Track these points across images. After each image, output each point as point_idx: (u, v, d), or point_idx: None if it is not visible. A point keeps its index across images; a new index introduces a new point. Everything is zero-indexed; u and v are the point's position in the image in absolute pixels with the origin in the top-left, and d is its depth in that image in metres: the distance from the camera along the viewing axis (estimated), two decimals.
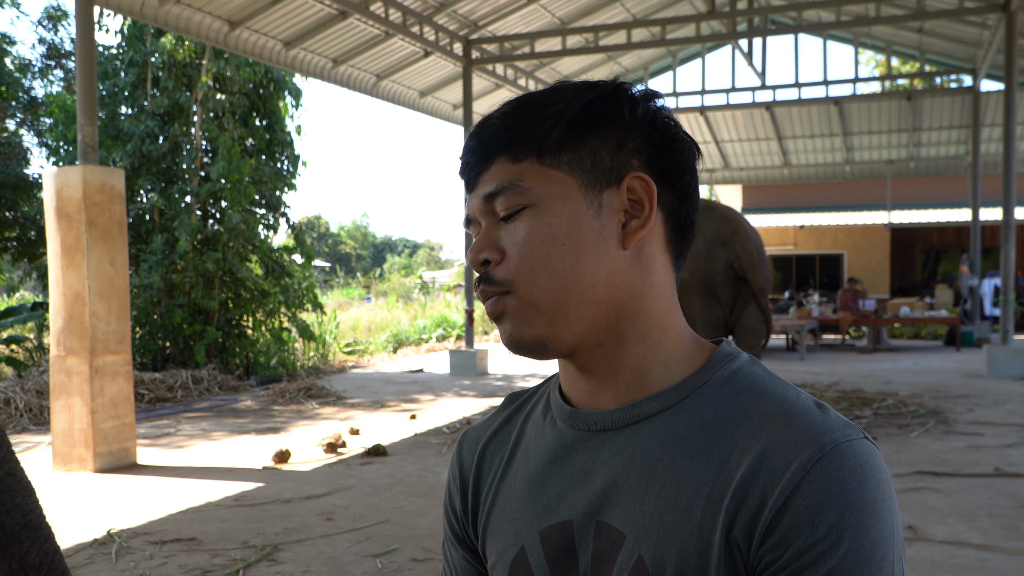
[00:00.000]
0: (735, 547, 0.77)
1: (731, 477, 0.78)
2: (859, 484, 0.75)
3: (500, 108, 0.89)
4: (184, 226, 11.80)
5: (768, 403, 0.82)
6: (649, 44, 13.93)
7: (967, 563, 4.17)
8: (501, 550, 0.93)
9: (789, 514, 0.75)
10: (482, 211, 0.88)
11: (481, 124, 0.89)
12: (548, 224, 0.85)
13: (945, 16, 12.33)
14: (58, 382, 6.65)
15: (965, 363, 12.95)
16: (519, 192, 0.85)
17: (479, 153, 0.88)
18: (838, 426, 0.79)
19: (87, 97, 6.74)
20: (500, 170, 0.87)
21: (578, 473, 0.88)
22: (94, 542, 4.75)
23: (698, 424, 0.83)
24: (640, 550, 0.81)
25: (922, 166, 20.24)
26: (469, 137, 0.90)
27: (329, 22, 11.51)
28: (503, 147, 0.86)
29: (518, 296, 0.86)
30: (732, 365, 0.87)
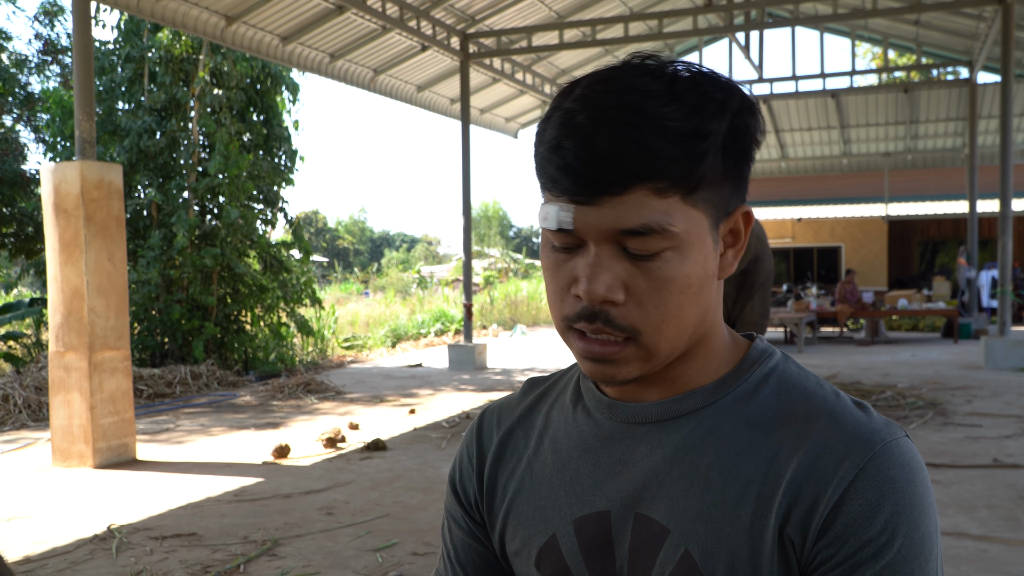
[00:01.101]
0: (788, 543, 0.79)
1: (781, 475, 0.80)
2: (908, 481, 0.79)
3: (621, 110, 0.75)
4: (182, 221, 11.79)
5: (810, 401, 0.84)
6: (646, 38, 13.89)
7: (966, 554, 4.19)
8: (527, 536, 0.93)
9: (845, 512, 0.77)
10: (602, 236, 0.78)
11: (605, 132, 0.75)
12: (687, 273, 0.79)
13: (942, 8, 12.32)
14: (57, 378, 6.65)
15: (963, 355, 12.98)
16: (667, 236, 0.77)
17: (612, 175, 0.75)
18: (883, 425, 0.82)
19: (84, 92, 6.73)
20: (642, 205, 0.76)
21: (615, 464, 0.88)
22: (94, 538, 4.75)
23: (742, 421, 0.84)
24: (687, 544, 0.82)
25: (919, 158, 20.25)
26: (581, 141, 0.76)
27: (326, 17, 11.49)
28: (647, 179, 0.76)
29: (640, 346, 0.81)
30: (769, 362, 0.88)
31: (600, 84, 0.78)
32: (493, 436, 1.00)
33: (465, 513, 1.01)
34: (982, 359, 11.44)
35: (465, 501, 1.00)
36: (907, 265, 22.50)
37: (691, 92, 0.77)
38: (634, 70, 0.79)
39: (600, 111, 0.76)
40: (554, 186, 0.78)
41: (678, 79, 0.78)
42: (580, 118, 0.76)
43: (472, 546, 1.01)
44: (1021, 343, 11.33)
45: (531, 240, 64.72)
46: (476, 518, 1.00)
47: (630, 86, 0.77)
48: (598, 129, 0.75)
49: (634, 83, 0.77)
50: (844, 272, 17.76)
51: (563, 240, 0.80)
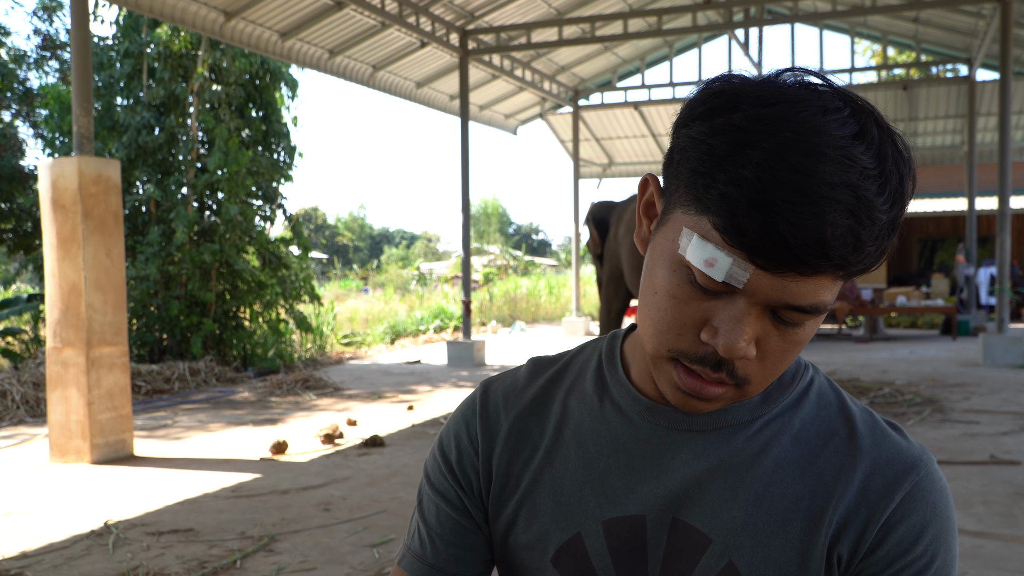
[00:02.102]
0: (836, 560, 0.83)
1: (830, 493, 0.84)
2: (945, 507, 0.85)
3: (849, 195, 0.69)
4: (181, 217, 11.78)
5: (850, 420, 0.88)
6: (646, 34, 13.90)
7: (962, 550, 4.19)
8: (543, 532, 0.91)
9: (894, 533, 0.82)
10: (766, 300, 0.74)
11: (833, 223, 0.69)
12: (808, 337, 0.79)
13: (941, 5, 12.31)
14: (54, 374, 6.65)
15: (961, 352, 12.98)
16: (821, 315, 0.76)
17: (817, 263, 0.71)
18: (920, 450, 0.87)
19: (82, 88, 6.72)
20: (823, 287, 0.74)
21: (652, 469, 0.88)
22: (91, 533, 4.76)
23: (788, 437, 0.87)
24: (732, 556, 0.84)
25: (918, 156, 20.21)
26: (809, 223, 0.68)
27: (325, 13, 11.47)
28: (840, 268, 0.72)
29: (742, 392, 0.80)
30: (807, 376, 0.91)
31: (816, 138, 0.70)
32: (501, 420, 0.96)
33: (463, 494, 0.96)
34: (980, 356, 11.44)
35: (464, 482, 0.96)
36: (906, 262, 22.51)
37: (894, 174, 0.72)
38: (841, 125, 0.71)
39: (824, 185, 0.69)
40: (738, 237, 0.71)
41: (883, 152, 0.72)
42: (800, 182, 0.68)
43: (462, 528, 0.96)
44: (1019, 340, 11.34)
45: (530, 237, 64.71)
46: (475, 501, 0.96)
47: (850, 157, 0.70)
48: (824, 209, 0.68)
49: (851, 153, 0.70)
50: None
51: (713, 286, 0.75)
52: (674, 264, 0.77)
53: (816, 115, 0.71)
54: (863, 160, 0.70)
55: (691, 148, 0.74)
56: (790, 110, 0.71)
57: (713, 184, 0.72)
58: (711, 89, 0.76)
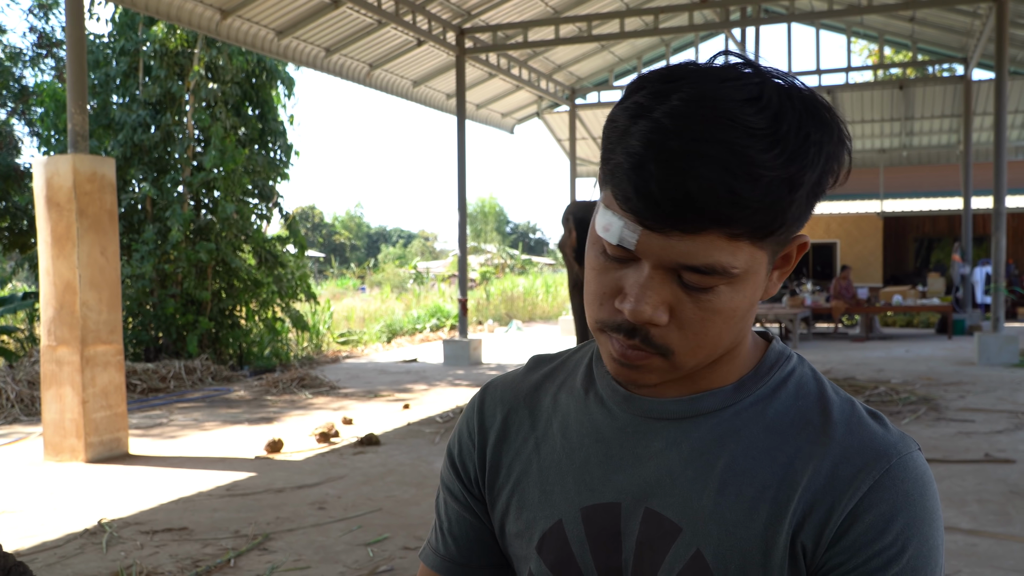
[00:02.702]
0: (800, 550, 0.81)
1: (797, 481, 0.82)
2: (921, 495, 0.81)
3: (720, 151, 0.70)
4: (176, 216, 11.76)
5: (827, 409, 0.85)
6: (643, 33, 13.90)
7: (956, 548, 4.20)
8: (531, 520, 0.93)
9: (860, 521, 0.79)
10: (660, 262, 0.76)
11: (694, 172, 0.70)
12: (735, 306, 0.78)
13: (937, 5, 12.33)
14: (49, 372, 6.63)
15: (957, 351, 13.00)
16: (726, 277, 0.76)
17: (691, 217, 0.72)
18: (898, 438, 0.84)
19: (77, 85, 6.71)
20: (711, 246, 0.74)
21: (628, 457, 0.88)
22: (85, 532, 4.75)
23: (760, 425, 0.85)
24: (698, 544, 0.83)
25: (914, 155, 20.26)
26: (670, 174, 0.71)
27: (321, 11, 11.46)
28: (724, 224, 0.73)
29: (670, 362, 0.81)
30: (788, 365, 0.89)
31: (702, 103, 0.72)
32: (496, 413, 0.99)
33: (464, 488, 1.00)
34: (975, 355, 11.46)
35: (464, 476, 1.00)
36: (902, 261, 22.53)
37: (794, 135, 0.73)
38: (737, 90, 0.73)
39: (696, 143, 0.71)
40: (625, 201, 0.74)
41: (783, 114, 0.73)
42: (673, 143, 0.71)
43: (467, 520, 1.00)
44: (1014, 339, 11.36)
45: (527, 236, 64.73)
46: (475, 493, 0.99)
47: (733, 118, 0.71)
48: (691, 165, 0.71)
49: (736, 114, 0.71)
50: (839, 268, 17.78)
51: (618, 253, 0.78)
52: (594, 239, 0.82)
53: (713, 84, 0.73)
54: (749, 120, 0.71)
55: (605, 128, 0.79)
56: (687, 83, 0.74)
57: (612, 157, 0.76)
58: (638, 77, 0.80)
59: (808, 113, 0.75)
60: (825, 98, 0.79)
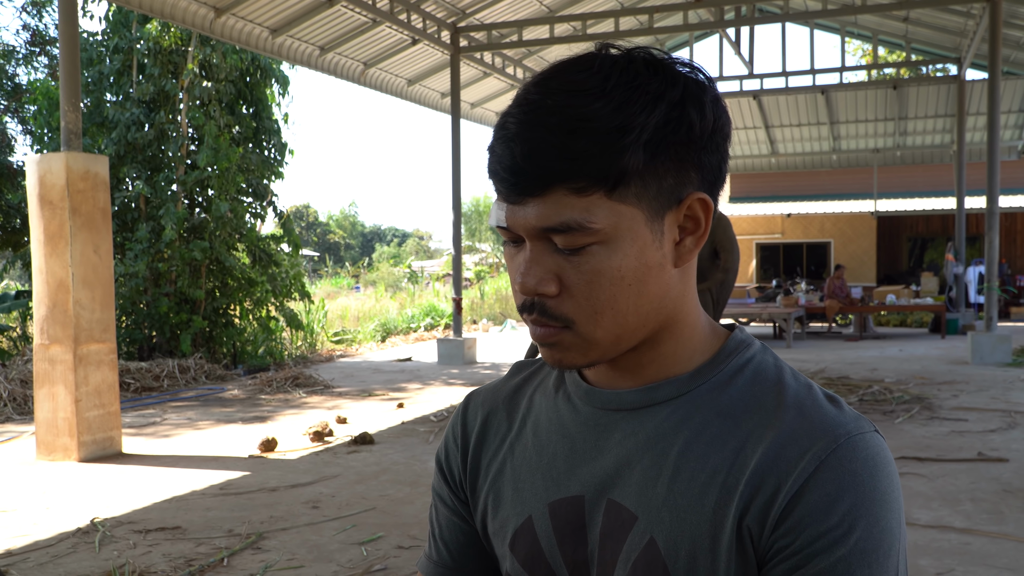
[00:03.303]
0: (747, 533, 0.80)
1: (745, 465, 0.81)
2: (871, 476, 0.78)
3: (547, 112, 0.77)
4: (170, 214, 11.73)
5: (782, 393, 0.84)
6: (637, 32, 13.90)
7: (950, 546, 4.21)
8: (505, 518, 0.94)
9: (803, 503, 0.77)
10: (531, 233, 0.81)
11: (528, 136, 0.77)
12: (617, 267, 0.80)
13: (931, 5, 12.36)
14: (41, 371, 6.61)
15: (950, 350, 13.03)
16: (587, 233, 0.78)
17: (531, 177, 0.77)
18: (851, 419, 0.81)
19: (70, 83, 6.68)
20: (562, 204, 0.78)
21: (590, 450, 0.89)
22: (77, 531, 4.73)
23: (714, 411, 0.85)
24: (652, 532, 0.83)
25: (908, 155, 20.31)
26: (509, 145, 0.78)
27: (316, 9, 11.44)
28: (565, 179, 0.77)
29: (577, 334, 0.83)
30: (747, 353, 0.89)
31: (537, 85, 0.79)
32: (477, 417, 1.01)
33: (451, 492, 1.02)
34: (969, 354, 11.49)
35: (451, 480, 1.02)
36: (895, 261, 22.58)
37: (623, 86, 0.77)
38: (577, 65, 0.79)
39: (526, 114, 0.77)
40: (494, 187, 0.82)
41: (613, 73, 0.77)
42: (510, 122, 0.78)
43: (457, 524, 1.02)
44: (1007, 338, 11.39)
45: None
46: (461, 497, 1.01)
47: (562, 86, 0.78)
48: (520, 133, 0.77)
49: (568, 81, 0.78)
50: (833, 268, 17.82)
51: (508, 236, 0.83)
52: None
53: (559, 66, 0.80)
54: (580, 83, 0.77)
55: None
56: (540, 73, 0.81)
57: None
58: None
59: (650, 69, 0.79)
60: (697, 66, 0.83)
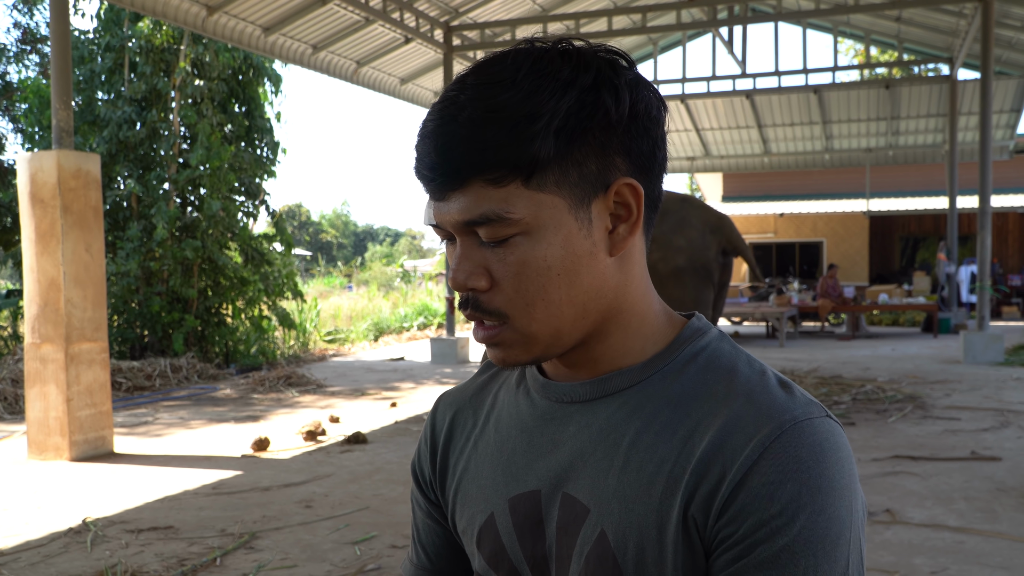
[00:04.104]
0: (692, 523, 0.78)
1: (692, 453, 0.79)
2: (816, 462, 0.75)
3: (458, 108, 0.77)
4: (162, 213, 11.69)
5: (732, 380, 0.82)
6: (630, 32, 13.91)
7: (944, 545, 4.21)
8: (471, 516, 0.94)
9: (745, 490, 0.75)
10: (455, 228, 0.80)
11: (441, 131, 0.77)
12: (543, 256, 0.79)
13: (923, 4, 12.38)
14: (33, 370, 6.57)
15: (942, 349, 13.07)
16: (507, 224, 0.78)
17: (447, 172, 0.78)
18: (800, 404, 0.79)
19: (61, 81, 6.65)
20: (480, 196, 0.78)
21: (547, 444, 0.88)
22: (69, 531, 4.70)
23: (664, 400, 0.83)
24: (603, 524, 0.82)
25: (900, 154, 20.36)
26: (426, 142, 0.78)
27: (309, 7, 11.41)
28: (479, 170, 0.76)
29: (513, 328, 0.82)
30: (701, 341, 0.86)
31: (455, 83, 0.80)
32: (445, 417, 1.01)
33: (424, 495, 1.02)
34: (961, 353, 11.52)
35: (423, 482, 1.02)
36: (888, 260, 22.64)
37: (533, 75, 0.77)
38: (494, 59, 0.80)
39: (441, 112, 0.78)
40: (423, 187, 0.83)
41: (525, 63, 0.78)
42: (428, 120, 0.79)
43: (432, 527, 1.02)
44: (999, 338, 11.42)
45: None
46: (433, 499, 1.01)
47: (477, 80, 0.78)
48: (435, 129, 0.78)
49: (482, 75, 0.78)
50: (826, 267, 17.86)
51: (441, 234, 0.84)
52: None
53: (481, 63, 0.81)
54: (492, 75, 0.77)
55: None
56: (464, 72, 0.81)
57: None
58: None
59: (563, 57, 0.79)
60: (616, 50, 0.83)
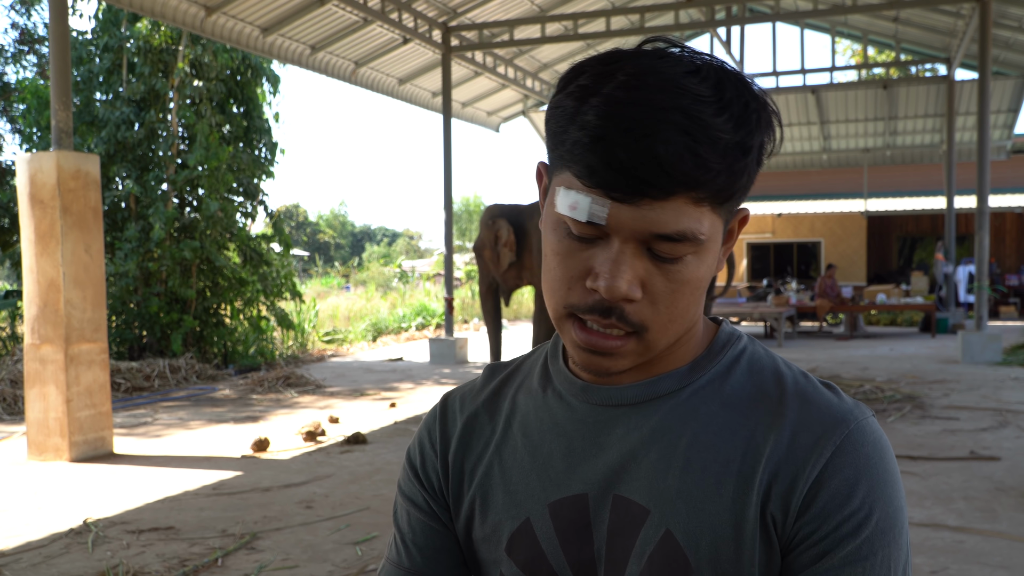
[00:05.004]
0: (770, 520, 0.82)
1: (760, 453, 0.83)
2: (880, 458, 0.83)
3: (677, 117, 0.73)
4: (160, 213, 11.68)
5: (781, 382, 0.87)
6: (628, 32, 13.91)
7: (943, 545, 4.22)
8: (497, 522, 0.93)
9: (825, 489, 0.80)
10: (632, 235, 0.77)
11: (664, 137, 0.72)
12: (701, 275, 0.81)
13: (920, 5, 12.41)
14: (32, 371, 6.57)
15: (940, 349, 13.09)
16: (694, 244, 0.78)
17: (662, 181, 0.74)
18: (853, 405, 0.85)
19: (61, 82, 6.64)
20: (680, 212, 0.76)
21: (590, 447, 0.89)
22: (70, 531, 4.70)
23: (717, 403, 0.86)
24: (668, 524, 0.84)
25: (898, 154, 20.38)
26: (641, 141, 0.72)
27: (307, 8, 11.41)
28: (692, 188, 0.75)
29: (644, 341, 0.82)
30: (739, 344, 0.91)
31: (649, 76, 0.75)
32: (457, 421, 1.00)
33: (429, 498, 1.00)
34: (959, 353, 11.54)
35: (428, 486, 1.00)
36: (886, 260, 22.66)
37: (736, 102, 0.76)
38: (675, 64, 0.77)
39: (655, 110, 0.73)
40: (590, 177, 0.75)
41: (723, 84, 0.77)
42: (632, 112, 0.73)
43: (434, 530, 1.00)
44: (997, 337, 11.44)
45: None
46: (441, 503, 0.99)
47: (681, 87, 0.74)
48: (655, 130, 0.73)
49: (683, 83, 0.75)
50: (824, 267, 17.88)
51: (585, 231, 0.78)
52: (554, 223, 0.82)
53: (651, 60, 0.77)
54: (696, 88, 0.75)
55: (549, 117, 0.80)
56: (627, 62, 0.77)
57: (566, 138, 0.77)
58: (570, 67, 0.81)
59: (742, 84, 0.79)
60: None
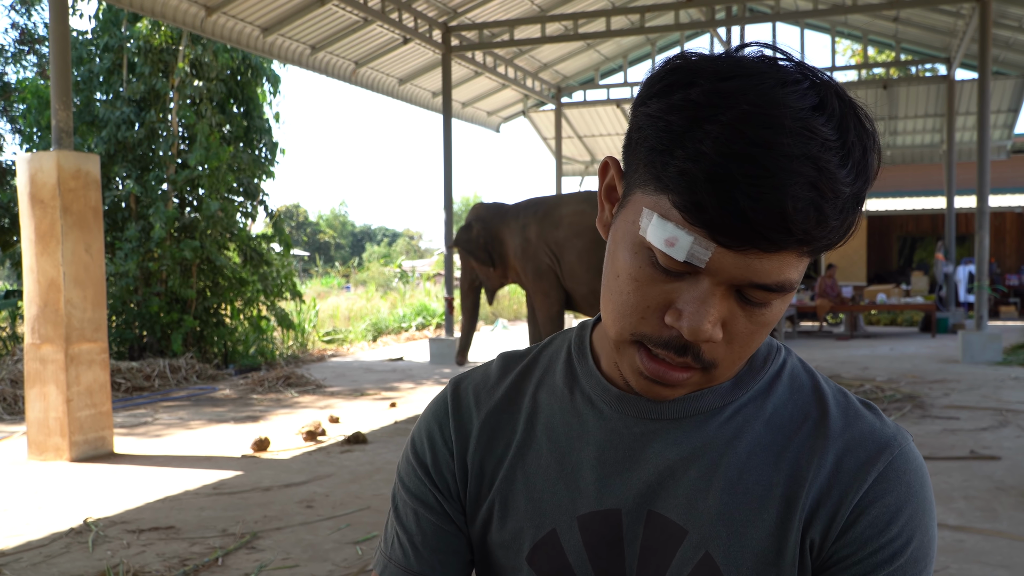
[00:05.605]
0: (808, 546, 0.81)
1: (803, 478, 0.81)
2: (921, 486, 0.82)
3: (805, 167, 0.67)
4: (160, 213, 11.68)
5: (822, 402, 0.86)
6: (628, 32, 13.93)
7: (944, 544, 4.23)
8: (518, 529, 0.89)
9: (867, 514, 0.80)
10: (727, 279, 0.72)
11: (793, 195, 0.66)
12: (779, 315, 0.77)
13: (921, 4, 12.41)
14: (33, 370, 6.57)
15: (940, 349, 13.09)
16: (789, 292, 0.74)
17: (777, 237, 0.68)
18: (896, 429, 0.85)
19: (61, 81, 6.64)
20: (787, 264, 0.72)
21: (623, 460, 0.85)
22: (70, 531, 4.70)
23: (760, 422, 0.84)
24: (708, 547, 0.81)
25: (898, 154, 20.38)
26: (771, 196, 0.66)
27: (307, 8, 11.41)
28: (804, 244, 0.70)
29: (710, 376, 0.79)
30: (779, 357, 0.89)
31: (775, 110, 0.67)
32: (473, 418, 0.94)
33: (443, 499, 0.94)
34: (959, 353, 11.54)
35: (443, 487, 0.94)
36: (886, 260, 22.66)
37: (857, 146, 0.70)
38: (801, 97, 0.69)
39: (785, 158, 0.66)
40: (696, 214, 0.69)
41: (845, 123, 0.70)
42: (760, 156, 0.66)
43: (447, 532, 0.94)
44: (997, 337, 11.44)
45: None
46: (454, 505, 0.94)
47: (811, 129, 0.68)
48: (784, 182, 0.66)
49: (812, 125, 0.68)
50: (824, 267, 17.88)
51: (676, 267, 0.73)
52: (635, 246, 0.76)
53: (775, 87, 0.69)
54: (824, 132, 0.68)
55: (649, 126, 0.72)
56: (748, 83, 0.69)
57: (671, 161, 0.70)
58: (669, 66, 0.74)
59: (858, 120, 0.72)
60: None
